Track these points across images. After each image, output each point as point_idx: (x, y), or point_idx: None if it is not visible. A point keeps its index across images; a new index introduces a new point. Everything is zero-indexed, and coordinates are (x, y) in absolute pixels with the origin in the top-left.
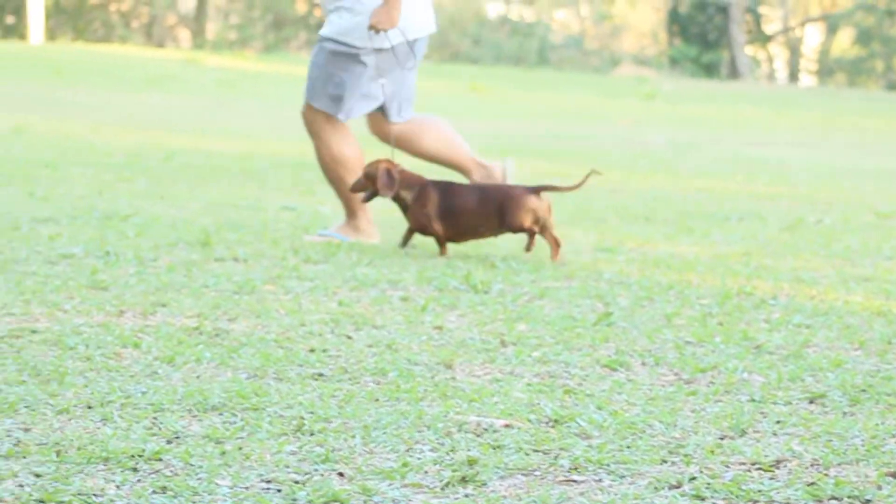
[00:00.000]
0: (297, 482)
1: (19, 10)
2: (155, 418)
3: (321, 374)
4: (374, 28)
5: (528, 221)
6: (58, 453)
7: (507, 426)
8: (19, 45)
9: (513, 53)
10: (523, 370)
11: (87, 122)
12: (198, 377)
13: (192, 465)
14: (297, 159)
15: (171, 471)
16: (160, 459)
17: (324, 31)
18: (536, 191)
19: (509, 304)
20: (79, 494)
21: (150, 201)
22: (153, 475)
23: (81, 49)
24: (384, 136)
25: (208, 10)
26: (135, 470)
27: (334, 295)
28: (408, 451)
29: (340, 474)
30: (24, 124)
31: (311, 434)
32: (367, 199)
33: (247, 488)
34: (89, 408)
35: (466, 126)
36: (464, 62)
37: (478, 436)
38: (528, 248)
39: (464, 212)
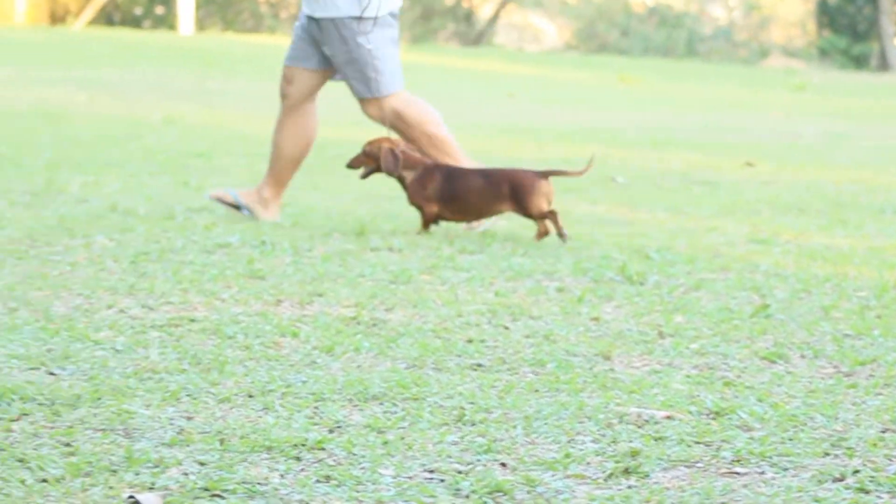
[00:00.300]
0: (460, 472)
1: (169, 1)
2: (316, 407)
3: (480, 365)
4: None
5: (545, 206)
6: (221, 441)
7: (668, 418)
8: (169, 35)
9: (661, 45)
10: (682, 362)
11: (238, 113)
12: (357, 367)
13: (354, 454)
14: None
15: (335, 460)
16: (323, 448)
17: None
18: (545, 175)
19: (665, 296)
20: (243, 483)
21: (303, 191)
22: (316, 464)
23: (231, 39)
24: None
25: None
26: (298, 459)
27: (490, 285)
28: (569, 442)
29: (503, 465)
30: (176, 114)
31: (473, 424)
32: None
33: (410, 478)
34: (250, 396)
35: (616, 117)
36: (612, 53)
37: (639, 427)
38: (540, 235)
39: (469, 194)
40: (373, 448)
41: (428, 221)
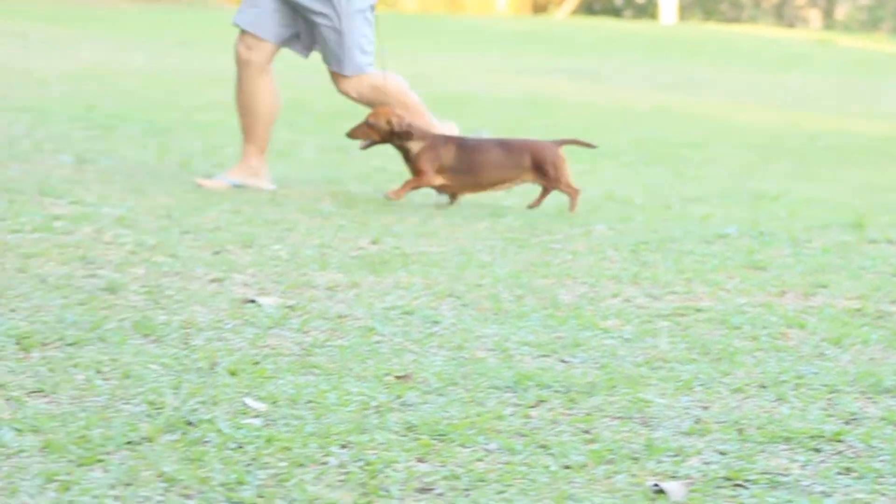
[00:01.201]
0: None
1: None
2: (830, 399)
3: None
4: None
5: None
6: (739, 431)
7: None
8: (651, 24)
9: None
10: None
11: (726, 103)
12: (868, 359)
13: (872, 447)
14: None
15: (853, 452)
16: (841, 440)
17: None
18: (560, 144)
19: None
20: (764, 473)
21: (797, 182)
22: (836, 456)
23: (712, 29)
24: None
25: None
26: (817, 450)
27: None
28: None
29: None
30: (664, 104)
31: None
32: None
33: None
34: (763, 387)
35: None
36: None
37: None
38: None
39: (487, 165)
40: (891, 441)
41: (418, 187)
